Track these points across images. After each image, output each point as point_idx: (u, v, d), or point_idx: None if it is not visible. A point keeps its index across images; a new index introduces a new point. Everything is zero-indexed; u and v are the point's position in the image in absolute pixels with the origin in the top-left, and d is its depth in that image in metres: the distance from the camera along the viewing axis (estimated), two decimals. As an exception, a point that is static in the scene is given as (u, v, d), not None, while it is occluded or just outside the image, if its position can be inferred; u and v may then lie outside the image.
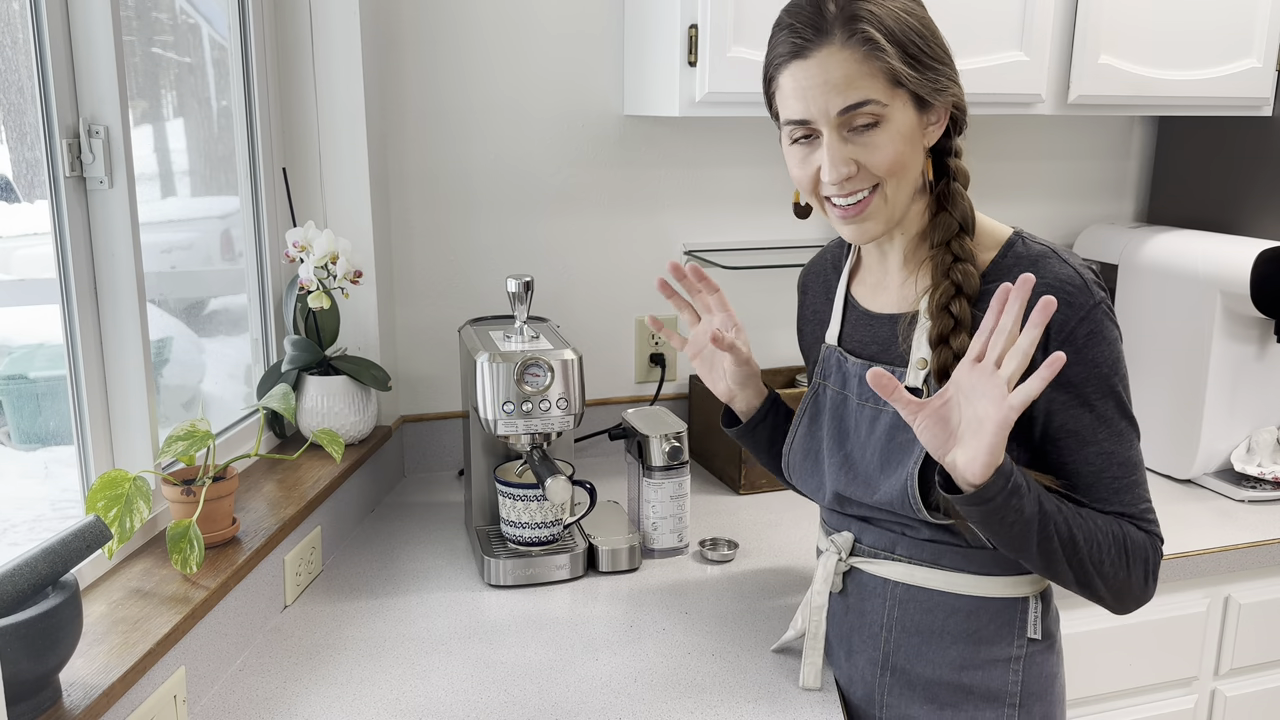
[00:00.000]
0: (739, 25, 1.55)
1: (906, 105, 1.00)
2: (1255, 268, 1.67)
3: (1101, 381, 1.00)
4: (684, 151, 1.93)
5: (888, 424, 1.07)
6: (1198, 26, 1.81)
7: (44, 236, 1.14)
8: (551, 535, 1.46)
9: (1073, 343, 0.99)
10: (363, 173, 1.67)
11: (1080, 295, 0.99)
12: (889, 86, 0.98)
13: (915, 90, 0.99)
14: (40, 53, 1.10)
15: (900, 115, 1.00)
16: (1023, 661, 1.08)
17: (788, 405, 1.28)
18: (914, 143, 1.01)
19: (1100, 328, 0.99)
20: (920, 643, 1.10)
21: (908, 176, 1.02)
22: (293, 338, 1.59)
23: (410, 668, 1.22)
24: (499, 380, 1.37)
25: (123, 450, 1.24)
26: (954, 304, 1.02)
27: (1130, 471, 1.02)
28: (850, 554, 1.15)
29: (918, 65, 0.99)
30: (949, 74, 1.02)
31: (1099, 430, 1.01)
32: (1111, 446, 1.01)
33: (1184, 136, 2.12)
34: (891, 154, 1.00)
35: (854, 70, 0.97)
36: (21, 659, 0.87)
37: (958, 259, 1.03)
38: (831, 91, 0.98)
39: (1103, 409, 1.01)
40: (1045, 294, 0.95)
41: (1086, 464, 1.02)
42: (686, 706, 1.13)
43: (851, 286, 1.18)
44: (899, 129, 1.00)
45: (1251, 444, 1.83)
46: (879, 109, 0.98)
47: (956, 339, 1.02)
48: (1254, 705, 1.68)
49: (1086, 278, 1.00)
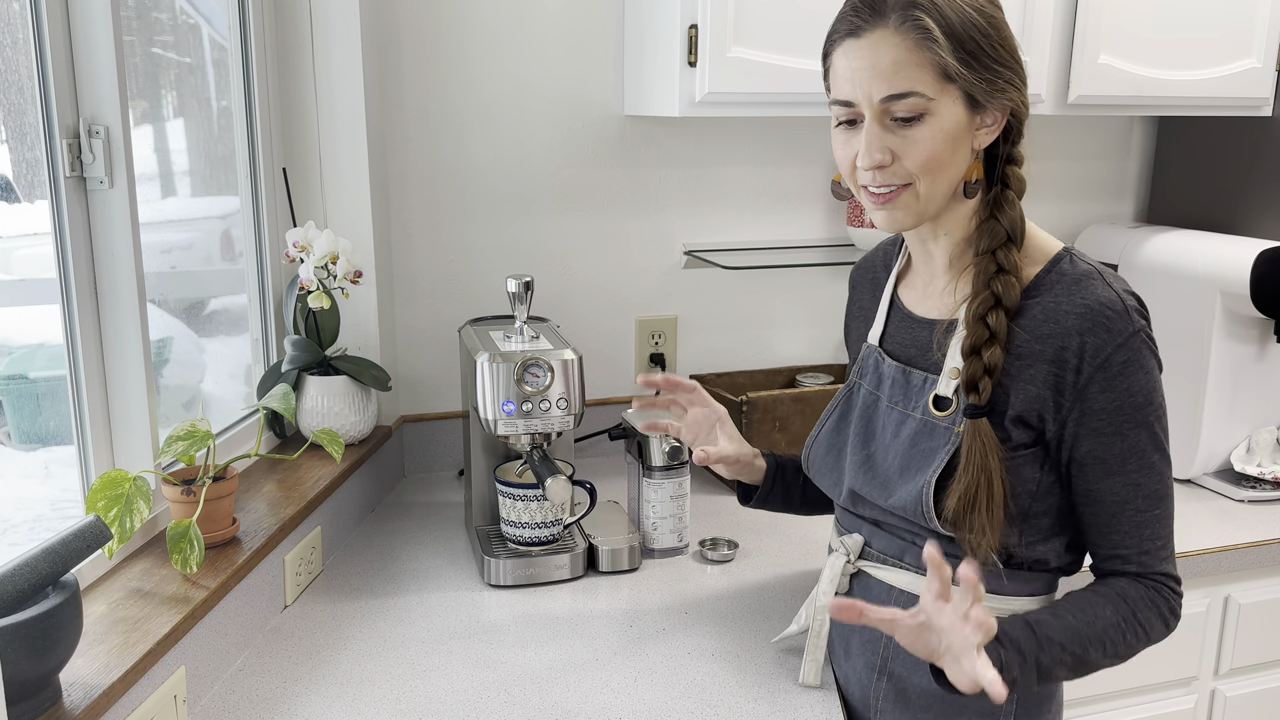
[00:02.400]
0: (739, 25, 1.55)
1: (956, 102, 0.97)
2: (1255, 268, 1.67)
3: (1135, 411, 0.98)
4: (684, 151, 1.93)
5: (913, 429, 1.06)
6: (1197, 26, 1.81)
7: (44, 236, 1.14)
8: (551, 535, 1.46)
9: (1107, 369, 0.97)
10: (363, 173, 1.67)
11: (1119, 321, 0.97)
12: (938, 80, 0.95)
13: (967, 89, 0.96)
14: (40, 53, 1.10)
15: (947, 112, 0.97)
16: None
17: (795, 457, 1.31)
18: (958, 143, 0.98)
19: (1137, 356, 0.97)
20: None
21: (944, 176, 1.00)
22: (293, 338, 1.59)
23: (410, 668, 1.22)
24: (499, 380, 1.37)
25: (123, 450, 1.24)
26: (991, 315, 1.00)
27: (1155, 505, 1.00)
28: (859, 557, 1.14)
29: (973, 63, 0.96)
30: (1011, 77, 0.98)
31: (1128, 461, 0.99)
32: (1139, 478, 1.00)
33: (1184, 136, 2.12)
34: (929, 151, 0.97)
35: (903, 58, 0.95)
36: (22, 659, 0.87)
37: (1001, 269, 1.01)
38: (878, 77, 0.96)
39: (1135, 439, 0.99)
40: (1084, 315, 0.96)
41: (1111, 494, 1.00)
42: (686, 706, 1.14)
43: (899, 288, 1.16)
44: (942, 126, 0.97)
45: (1251, 444, 1.83)
46: (923, 103, 0.96)
47: (989, 351, 0.99)
48: (1254, 705, 1.68)
49: (1128, 304, 0.98)
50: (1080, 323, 0.97)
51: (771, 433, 1.76)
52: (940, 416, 1.04)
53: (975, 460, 1.00)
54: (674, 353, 2.00)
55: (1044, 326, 0.99)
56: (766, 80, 1.58)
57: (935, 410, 1.04)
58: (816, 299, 2.05)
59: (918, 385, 1.07)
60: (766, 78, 1.58)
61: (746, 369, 2.03)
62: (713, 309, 2.01)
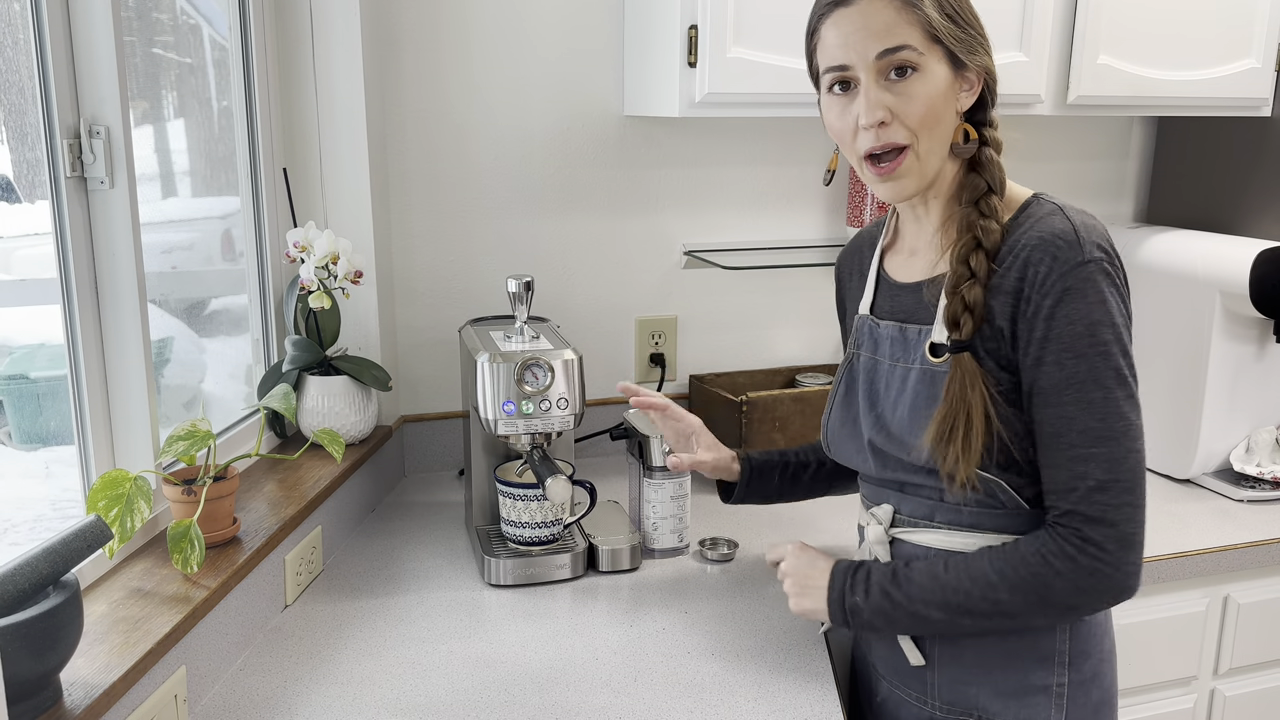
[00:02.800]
0: (739, 25, 1.55)
1: (942, 61, 1.03)
2: (1254, 268, 1.67)
3: (1074, 340, 0.98)
4: (684, 151, 1.93)
5: (915, 380, 1.09)
6: (1197, 27, 1.81)
7: (45, 236, 1.14)
8: (551, 535, 1.46)
9: (1050, 296, 0.99)
10: (363, 173, 1.67)
11: (1067, 250, 0.99)
12: (926, 38, 1.02)
13: (950, 46, 1.03)
14: (41, 53, 1.10)
15: (936, 68, 1.03)
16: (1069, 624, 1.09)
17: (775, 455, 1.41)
18: (947, 100, 1.04)
19: (1081, 285, 0.98)
20: None
21: (939, 132, 1.05)
22: (293, 338, 1.59)
23: (410, 668, 1.22)
24: (499, 380, 1.38)
25: (123, 450, 1.24)
26: (973, 257, 1.04)
27: (1090, 443, 0.98)
28: (892, 525, 1.15)
29: (954, 21, 1.03)
30: (981, 39, 1.06)
31: (1065, 392, 0.99)
32: (1074, 412, 0.99)
33: (1184, 136, 2.13)
34: (925, 104, 1.03)
35: (893, 18, 1.02)
36: (22, 658, 0.87)
37: (983, 215, 1.05)
38: (871, 37, 1.02)
39: (1073, 370, 0.98)
40: (1036, 245, 1.00)
41: (1048, 424, 1.01)
42: (686, 706, 1.14)
43: (885, 261, 1.21)
44: (934, 81, 1.03)
45: (1250, 444, 1.83)
46: (915, 56, 1.02)
47: (970, 291, 1.03)
48: (1253, 705, 1.68)
49: (1081, 235, 0.99)
50: (1033, 253, 1.01)
51: (771, 433, 1.76)
52: (938, 363, 1.07)
53: (954, 391, 1.03)
54: (674, 353, 2.00)
55: (1006, 259, 1.03)
56: (766, 80, 1.58)
57: (932, 357, 1.07)
58: (816, 299, 2.05)
59: (914, 338, 1.11)
60: (766, 78, 1.58)
61: (746, 369, 2.04)
62: (713, 309, 2.01)
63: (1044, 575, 1.00)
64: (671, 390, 2.01)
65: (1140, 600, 1.55)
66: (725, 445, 1.43)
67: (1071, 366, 0.99)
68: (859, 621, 1.10)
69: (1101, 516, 0.98)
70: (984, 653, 1.11)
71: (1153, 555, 1.52)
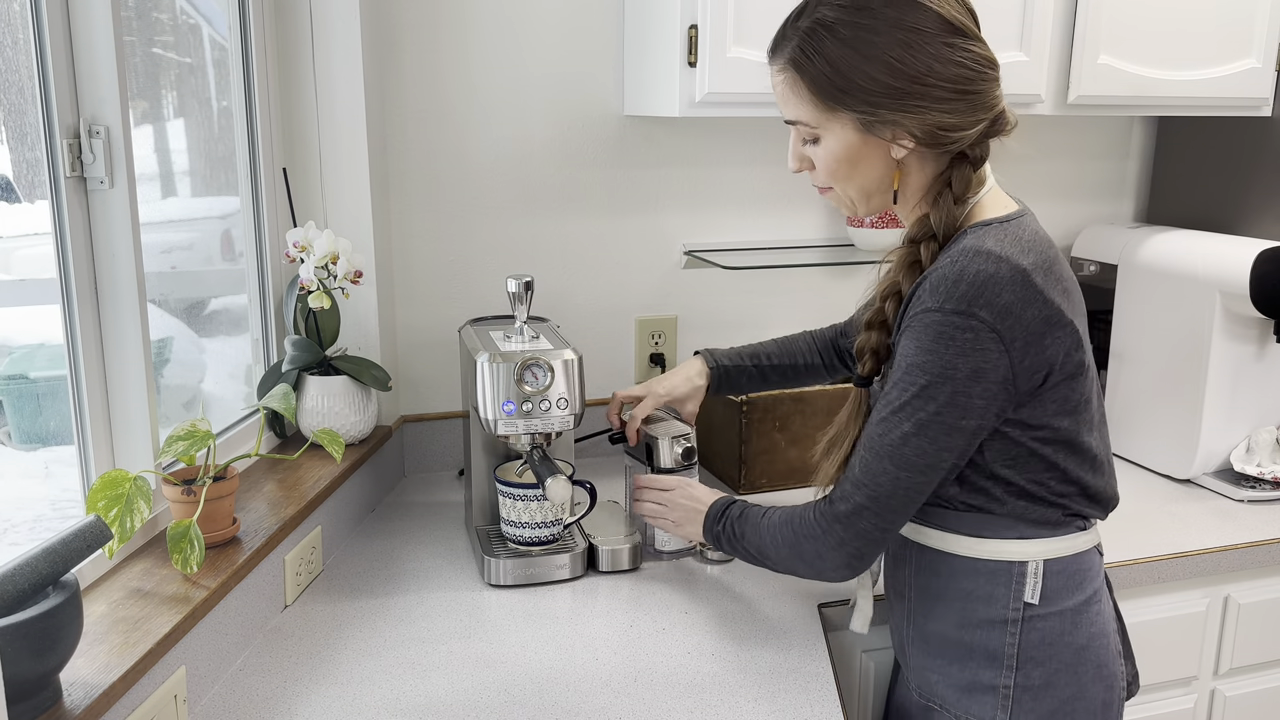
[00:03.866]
0: (739, 25, 1.55)
1: (846, 126, 1.08)
2: (1254, 268, 1.67)
3: (899, 371, 1.05)
4: (684, 151, 1.93)
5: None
6: (1197, 27, 1.81)
7: (44, 236, 1.14)
8: (551, 535, 1.46)
9: (900, 331, 1.06)
10: (363, 173, 1.67)
11: (928, 296, 1.03)
12: (820, 110, 1.08)
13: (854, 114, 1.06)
14: (41, 53, 1.10)
15: (835, 136, 1.09)
16: (1020, 625, 1.11)
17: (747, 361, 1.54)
18: (857, 158, 1.09)
19: (922, 330, 1.02)
20: (931, 600, 1.17)
21: (854, 183, 1.12)
22: (293, 338, 1.59)
23: (410, 668, 1.22)
24: (499, 380, 1.37)
25: (123, 450, 1.24)
26: (889, 301, 1.10)
27: (866, 446, 1.08)
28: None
29: (849, 99, 1.05)
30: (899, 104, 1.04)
31: (881, 404, 1.08)
32: (875, 419, 1.08)
33: (1184, 136, 2.13)
34: (826, 166, 1.11)
35: (786, 91, 1.11)
36: (22, 658, 0.87)
37: (915, 262, 1.09)
38: (779, 103, 1.13)
39: (889, 391, 1.06)
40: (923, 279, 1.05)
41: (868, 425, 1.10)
42: (686, 706, 1.14)
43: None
44: (832, 148, 1.09)
45: (1251, 444, 1.83)
46: (808, 129, 1.11)
47: (878, 334, 1.11)
48: (1254, 705, 1.68)
49: (953, 286, 1.01)
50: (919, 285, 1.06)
51: (771, 432, 1.76)
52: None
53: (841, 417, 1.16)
54: (674, 353, 2.00)
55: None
56: (766, 80, 1.57)
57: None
58: (816, 299, 2.05)
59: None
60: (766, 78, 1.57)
61: (746, 369, 2.03)
62: (713, 309, 2.01)
63: (800, 535, 1.14)
64: (671, 390, 2.01)
65: (1140, 600, 1.55)
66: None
67: (890, 390, 1.06)
68: (721, 548, 1.28)
69: (837, 493, 1.11)
70: (943, 643, 1.16)
71: (1153, 555, 1.52)
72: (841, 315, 2.08)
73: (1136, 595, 1.54)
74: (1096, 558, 1.16)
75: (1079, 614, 1.12)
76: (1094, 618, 1.13)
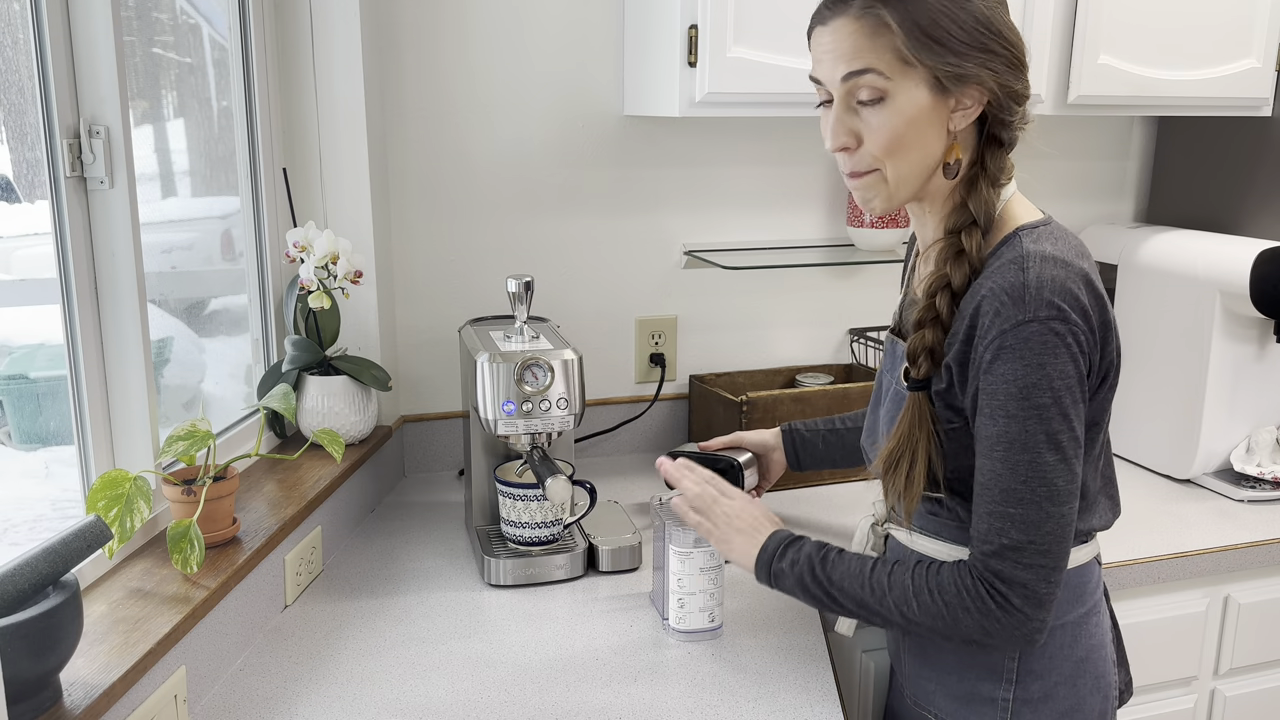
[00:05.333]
0: (739, 25, 1.55)
1: (919, 85, 0.99)
2: (1254, 268, 1.67)
3: (1008, 400, 0.97)
4: (684, 151, 1.93)
5: (893, 395, 1.13)
6: (1197, 27, 1.81)
7: (44, 236, 1.14)
8: (551, 535, 1.46)
9: (991, 351, 0.97)
10: (363, 173, 1.67)
11: (1010, 308, 0.96)
12: (897, 62, 0.98)
13: (931, 70, 0.98)
14: (41, 53, 1.10)
15: (907, 95, 0.99)
16: None
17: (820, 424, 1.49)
18: (921, 125, 1.00)
19: (1019, 345, 0.95)
20: None
21: (909, 159, 1.02)
22: (293, 338, 1.59)
23: (410, 668, 1.22)
24: (499, 380, 1.37)
25: (123, 450, 1.24)
26: (939, 296, 1.03)
27: (1010, 503, 0.98)
28: (885, 520, 1.22)
29: (936, 48, 0.97)
30: (987, 60, 0.98)
31: (995, 448, 0.99)
32: (1001, 469, 0.98)
33: (1184, 136, 2.13)
34: (889, 134, 1.00)
35: (862, 43, 0.99)
36: (22, 659, 0.87)
37: (960, 252, 1.03)
38: (839, 58, 1.00)
39: (1005, 428, 0.97)
40: (987, 296, 0.98)
41: (980, 474, 1.01)
42: (686, 706, 1.14)
43: (918, 264, 1.20)
44: (902, 109, 0.99)
45: (1251, 444, 1.83)
46: (881, 81, 0.98)
47: (932, 331, 1.03)
48: (1254, 705, 1.68)
49: (1032, 292, 0.96)
50: (986, 303, 0.98)
51: (771, 433, 1.76)
52: (904, 385, 1.08)
53: (903, 429, 1.05)
54: (674, 353, 2.00)
55: (967, 305, 1.01)
56: (766, 80, 1.58)
57: (904, 379, 1.08)
58: (816, 299, 2.05)
59: (900, 355, 1.12)
60: (766, 78, 1.58)
61: (746, 369, 2.04)
62: (713, 309, 2.01)
63: (954, 608, 1.01)
64: (672, 390, 2.01)
65: (1140, 600, 1.55)
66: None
67: (1003, 424, 0.98)
68: (779, 586, 1.12)
69: (1013, 576, 0.99)
70: (941, 655, 1.15)
71: (1153, 555, 1.52)
72: (842, 315, 2.10)
73: (1136, 595, 1.54)
74: (1096, 568, 1.15)
75: (1079, 627, 1.11)
76: (1093, 629, 1.12)
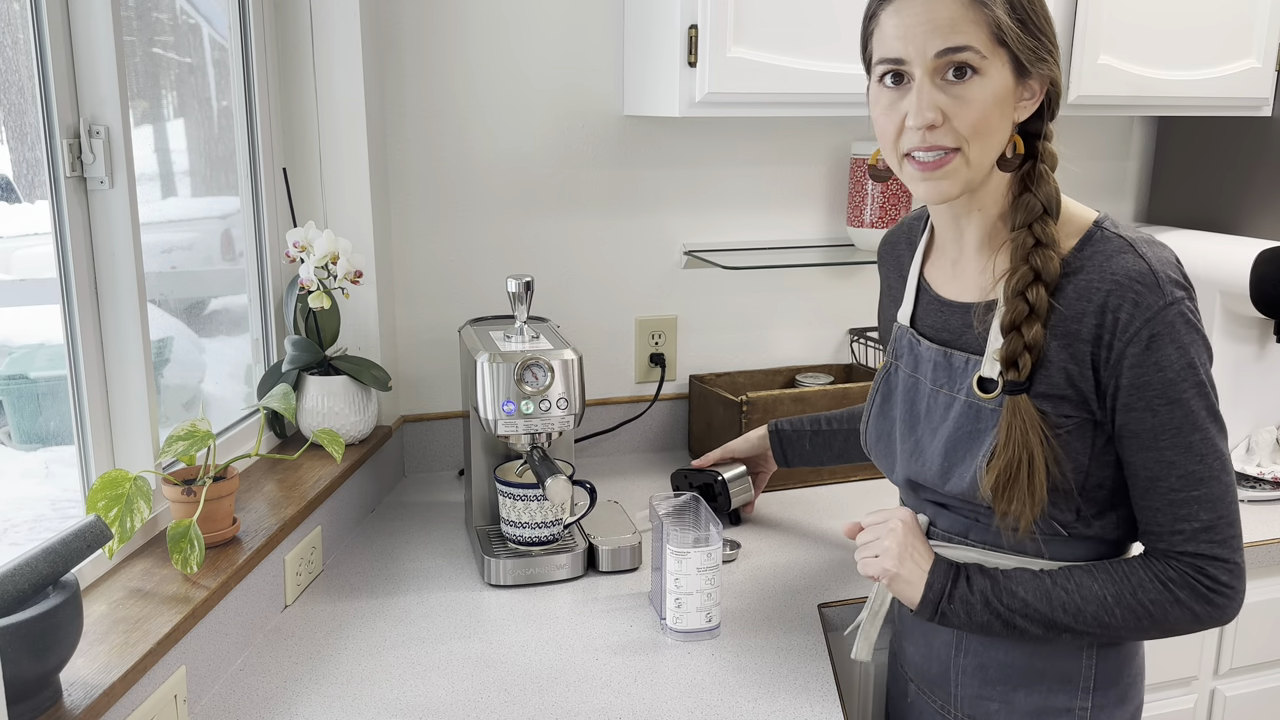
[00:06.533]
0: (739, 25, 1.55)
1: (1005, 66, 0.97)
2: (1254, 268, 1.67)
3: (1167, 387, 0.96)
4: (684, 151, 1.93)
5: (959, 412, 1.06)
6: (1197, 27, 1.81)
7: (44, 236, 1.14)
8: (551, 535, 1.46)
9: (1136, 344, 0.95)
10: (363, 173, 1.67)
11: (1148, 295, 0.95)
12: (991, 40, 0.96)
13: (1016, 51, 0.96)
14: (41, 53, 1.10)
15: (997, 74, 0.97)
16: (1096, 646, 1.07)
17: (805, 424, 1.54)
18: (1004, 108, 0.98)
19: (1168, 330, 0.95)
20: None
21: (992, 142, 0.99)
22: (293, 338, 1.59)
23: (410, 668, 1.22)
24: (499, 380, 1.37)
25: (123, 450, 1.24)
26: (1031, 290, 0.98)
27: (1192, 486, 0.97)
28: (927, 536, 1.13)
29: (1025, 26, 0.96)
30: (1050, 47, 0.99)
31: (1161, 437, 0.97)
32: (1173, 456, 0.97)
33: (1184, 136, 2.13)
34: (980, 110, 0.97)
35: (960, 14, 0.95)
36: (22, 658, 0.87)
37: (1039, 243, 0.99)
38: (934, 32, 0.95)
39: (1167, 416, 0.96)
40: (1114, 290, 0.96)
41: (1145, 469, 0.99)
42: (686, 706, 1.14)
43: (925, 268, 1.16)
44: (992, 88, 0.97)
45: (1251, 444, 1.83)
46: (977, 58, 0.96)
47: (1030, 328, 0.98)
48: (1254, 705, 1.68)
49: (1160, 275, 0.96)
50: (1110, 298, 0.96)
51: (771, 433, 1.76)
52: (986, 399, 1.03)
53: (1015, 437, 0.99)
54: (674, 353, 2.00)
55: (1078, 304, 0.98)
56: (766, 80, 1.58)
57: (980, 392, 1.03)
58: (816, 299, 2.05)
59: (960, 367, 1.07)
60: (766, 78, 1.58)
61: (746, 369, 2.04)
62: (713, 309, 2.01)
63: (1162, 604, 0.99)
64: (672, 390, 2.01)
65: (1140, 600, 1.55)
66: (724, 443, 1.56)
67: (1165, 413, 0.96)
68: (949, 622, 1.06)
69: (1215, 554, 0.98)
70: (1008, 670, 1.10)
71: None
72: (841, 315, 2.09)
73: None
74: None
75: None
76: None
